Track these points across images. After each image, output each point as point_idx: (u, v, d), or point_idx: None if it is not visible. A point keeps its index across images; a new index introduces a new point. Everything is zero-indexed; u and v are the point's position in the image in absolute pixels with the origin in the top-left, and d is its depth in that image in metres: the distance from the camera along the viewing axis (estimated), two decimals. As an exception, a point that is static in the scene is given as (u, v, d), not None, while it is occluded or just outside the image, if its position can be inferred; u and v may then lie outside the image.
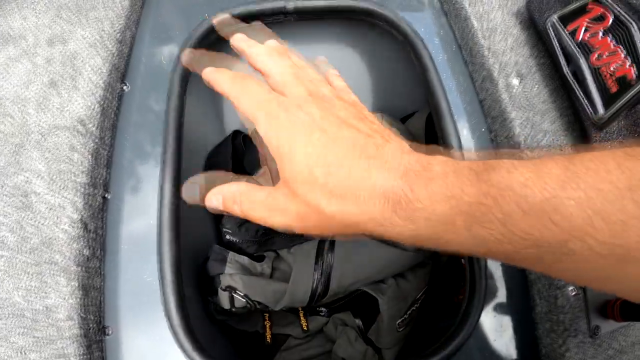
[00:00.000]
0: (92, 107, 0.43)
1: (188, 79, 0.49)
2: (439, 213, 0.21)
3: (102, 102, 0.44)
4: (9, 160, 0.42)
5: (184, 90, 0.48)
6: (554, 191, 0.19)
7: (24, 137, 0.42)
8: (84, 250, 0.39)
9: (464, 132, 0.47)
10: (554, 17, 0.46)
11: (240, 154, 0.57)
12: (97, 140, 0.42)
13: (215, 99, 0.59)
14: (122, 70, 0.48)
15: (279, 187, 0.26)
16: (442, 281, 0.51)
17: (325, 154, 0.24)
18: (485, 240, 0.20)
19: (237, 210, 0.27)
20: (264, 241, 0.52)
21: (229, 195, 0.27)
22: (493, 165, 0.21)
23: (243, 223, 0.54)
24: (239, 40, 0.30)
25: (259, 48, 0.29)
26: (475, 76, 0.49)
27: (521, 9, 0.51)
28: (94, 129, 0.42)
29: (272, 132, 0.25)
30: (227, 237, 0.53)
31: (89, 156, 0.41)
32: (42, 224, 0.39)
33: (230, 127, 0.59)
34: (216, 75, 0.28)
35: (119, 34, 0.48)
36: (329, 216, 0.24)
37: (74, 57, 0.46)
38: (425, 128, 0.57)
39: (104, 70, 0.45)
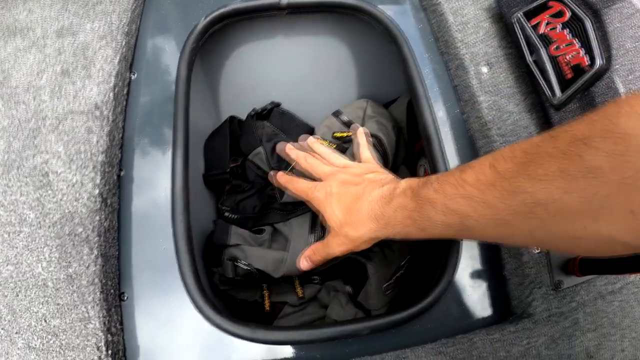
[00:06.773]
0: (106, 94, 0.46)
1: (193, 65, 0.52)
2: (399, 219, 0.38)
3: (114, 89, 0.47)
4: (26, 143, 0.44)
5: (190, 75, 0.51)
6: (451, 194, 0.33)
7: (39, 122, 0.45)
8: (104, 222, 0.42)
9: (439, 114, 0.53)
10: (520, 13, 0.52)
11: (236, 137, 0.60)
12: (111, 124, 0.45)
13: (212, 88, 0.62)
14: (129, 60, 0.51)
15: (328, 235, 0.45)
16: (423, 251, 0.57)
17: (338, 206, 0.42)
18: (424, 228, 0.36)
19: (318, 258, 0.46)
20: (260, 216, 0.56)
21: (308, 254, 0.47)
22: (425, 182, 0.37)
23: (241, 201, 0.57)
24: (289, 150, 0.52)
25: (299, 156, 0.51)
26: (449, 65, 0.54)
27: (492, 4, 0.57)
28: (108, 113, 0.45)
29: (315, 204, 0.45)
30: (226, 214, 0.57)
31: (106, 137, 0.44)
32: (63, 200, 0.42)
33: (226, 113, 0.62)
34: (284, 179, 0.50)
35: (126, 27, 0.51)
36: (355, 237, 0.41)
37: (85, 48, 0.49)
38: (406, 112, 0.63)
39: (115, 61, 0.48)
